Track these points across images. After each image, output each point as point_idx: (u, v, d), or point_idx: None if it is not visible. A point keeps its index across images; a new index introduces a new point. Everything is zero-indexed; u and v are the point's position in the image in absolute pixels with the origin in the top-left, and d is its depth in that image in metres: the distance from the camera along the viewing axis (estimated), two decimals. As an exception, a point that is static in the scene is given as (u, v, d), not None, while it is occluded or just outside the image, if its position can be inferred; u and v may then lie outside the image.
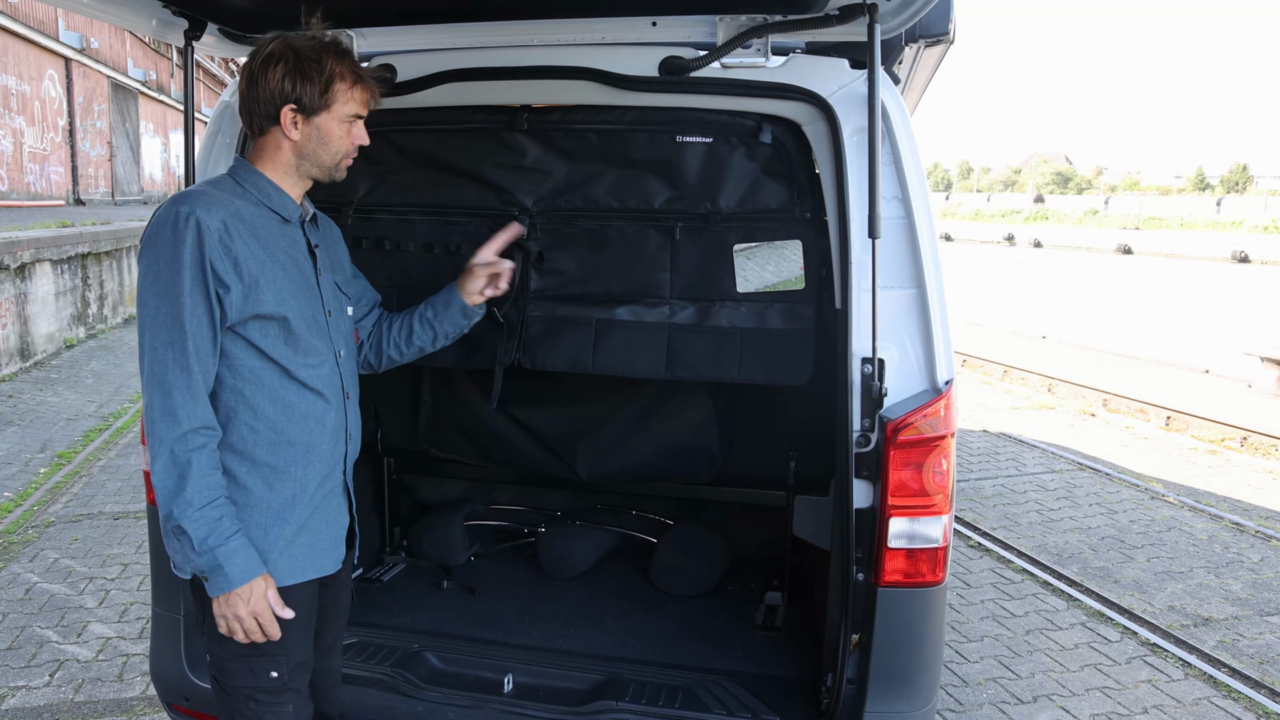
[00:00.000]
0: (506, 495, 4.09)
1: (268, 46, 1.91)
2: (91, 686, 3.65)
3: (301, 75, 1.89)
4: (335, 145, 1.99)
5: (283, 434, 1.95)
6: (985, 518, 6.00)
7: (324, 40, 1.93)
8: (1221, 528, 5.96)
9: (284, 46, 1.90)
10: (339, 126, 1.97)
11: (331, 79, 1.92)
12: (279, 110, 1.91)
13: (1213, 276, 31.10)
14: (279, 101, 1.90)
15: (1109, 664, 4.11)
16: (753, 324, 2.82)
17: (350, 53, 1.98)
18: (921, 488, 2.20)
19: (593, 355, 2.88)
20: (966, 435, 8.20)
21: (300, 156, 1.98)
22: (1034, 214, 66.52)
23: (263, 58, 1.90)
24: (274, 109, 1.91)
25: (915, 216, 2.27)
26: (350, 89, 1.96)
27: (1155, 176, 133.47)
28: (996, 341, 13.55)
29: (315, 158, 1.99)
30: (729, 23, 2.25)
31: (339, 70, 1.93)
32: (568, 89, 2.47)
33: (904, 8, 2.06)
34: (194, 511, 1.79)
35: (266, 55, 1.90)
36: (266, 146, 1.97)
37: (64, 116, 19.02)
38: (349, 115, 1.98)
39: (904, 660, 2.28)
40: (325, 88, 1.92)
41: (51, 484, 6.08)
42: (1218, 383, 10.98)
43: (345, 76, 1.94)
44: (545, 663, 2.79)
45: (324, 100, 1.93)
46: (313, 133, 1.95)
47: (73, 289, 10.90)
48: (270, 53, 1.89)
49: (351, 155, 2.05)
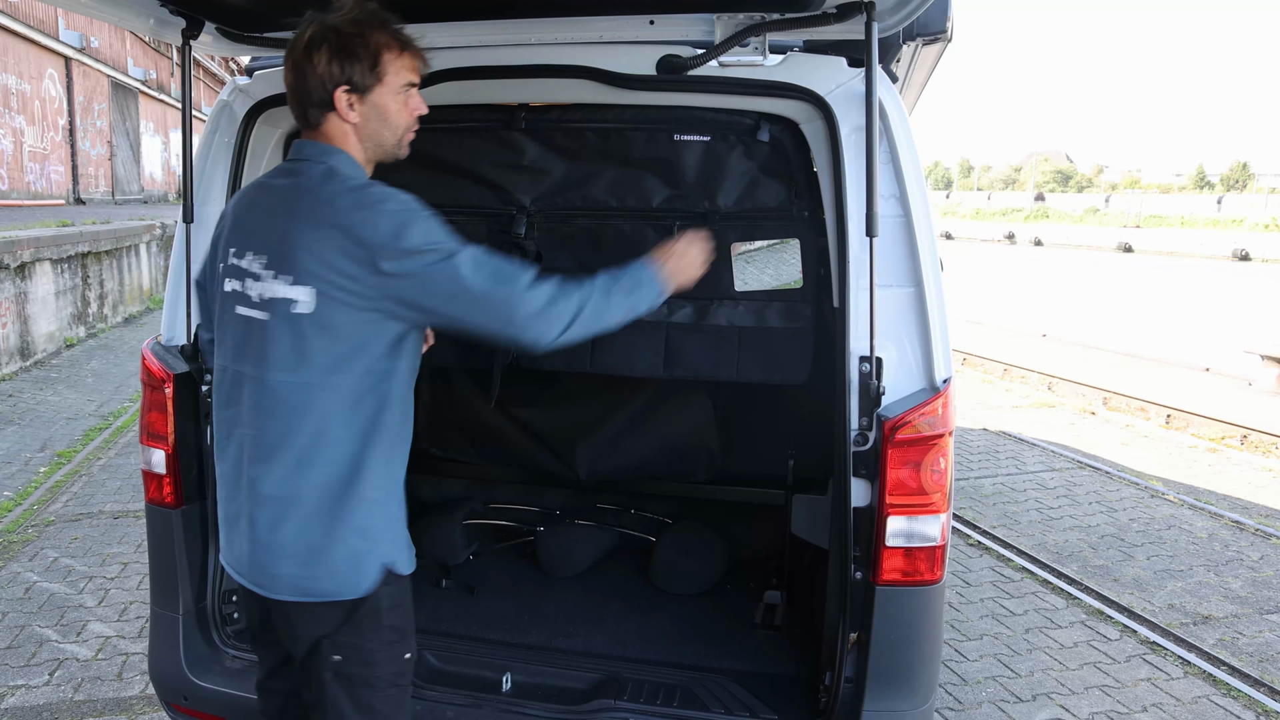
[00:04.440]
0: (505, 494, 4.09)
1: (306, 32, 1.82)
2: (91, 685, 3.65)
3: (348, 54, 1.81)
4: (395, 120, 1.92)
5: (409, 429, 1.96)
6: (985, 516, 6.00)
7: (361, 13, 1.84)
8: (1221, 526, 5.96)
9: (323, 28, 1.81)
10: (395, 99, 1.90)
11: (379, 51, 1.84)
12: (332, 95, 1.83)
13: (1213, 275, 31.08)
14: (330, 86, 1.82)
15: (1108, 662, 4.11)
16: (751, 322, 2.82)
17: (390, 21, 1.88)
18: (919, 486, 2.20)
19: (591, 354, 2.88)
20: (966, 433, 8.19)
21: (363, 139, 1.91)
22: (1034, 212, 66.47)
23: (304, 44, 1.81)
24: (327, 95, 1.83)
25: (913, 215, 2.27)
26: (399, 58, 1.88)
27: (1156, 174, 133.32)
28: (997, 340, 13.54)
29: (378, 138, 1.92)
30: (726, 21, 2.24)
31: (384, 41, 1.84)
32: (565, 87, 2.47)
33: (901, 6, 2.05)
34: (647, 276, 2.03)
35: (308, 41, 1.81)
36: (330, 136, 1.89)
37: (64, 116, 19.02)
38: (403, 86, 1.90)
39: (902, 659, 2.28)
40: (375, 62, 1.84)
41: (51, 483, 6.08)
42: (1218, 381, 10.98)
43: (391, 46, 1.86)
44: (544, 661, 2.79)
45: (376, 75, 1.85)
46: (370, 111, 1.87)
47: (73, 288, 10.90)
48: (311, 37, 1.81)
49: (413, 129, 1.97)
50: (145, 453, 2.62)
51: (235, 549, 1.93)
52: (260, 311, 1.83)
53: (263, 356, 1.83)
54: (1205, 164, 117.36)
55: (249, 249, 1.87)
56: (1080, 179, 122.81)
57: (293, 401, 1.81)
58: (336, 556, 1.84)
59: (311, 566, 1.84)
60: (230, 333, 1.92)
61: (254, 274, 1.85)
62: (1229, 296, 23.64)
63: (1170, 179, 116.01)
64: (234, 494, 1.91)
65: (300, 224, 1.80)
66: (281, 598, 1.87)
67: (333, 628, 1.88)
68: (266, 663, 2.15)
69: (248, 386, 1.86)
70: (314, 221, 1.79)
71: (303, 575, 1.85)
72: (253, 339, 1.85)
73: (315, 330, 1.79)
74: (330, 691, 1.90)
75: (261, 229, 1.87)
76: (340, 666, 1.89)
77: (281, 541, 1.84)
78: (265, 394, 1.83)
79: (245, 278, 1.87)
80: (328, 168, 1.87)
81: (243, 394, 1.88)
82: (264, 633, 2.07)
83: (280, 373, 1.82)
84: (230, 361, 1.92)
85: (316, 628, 1.89)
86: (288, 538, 1.84)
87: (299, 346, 1.80)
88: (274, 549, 1.85)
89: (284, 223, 1.83)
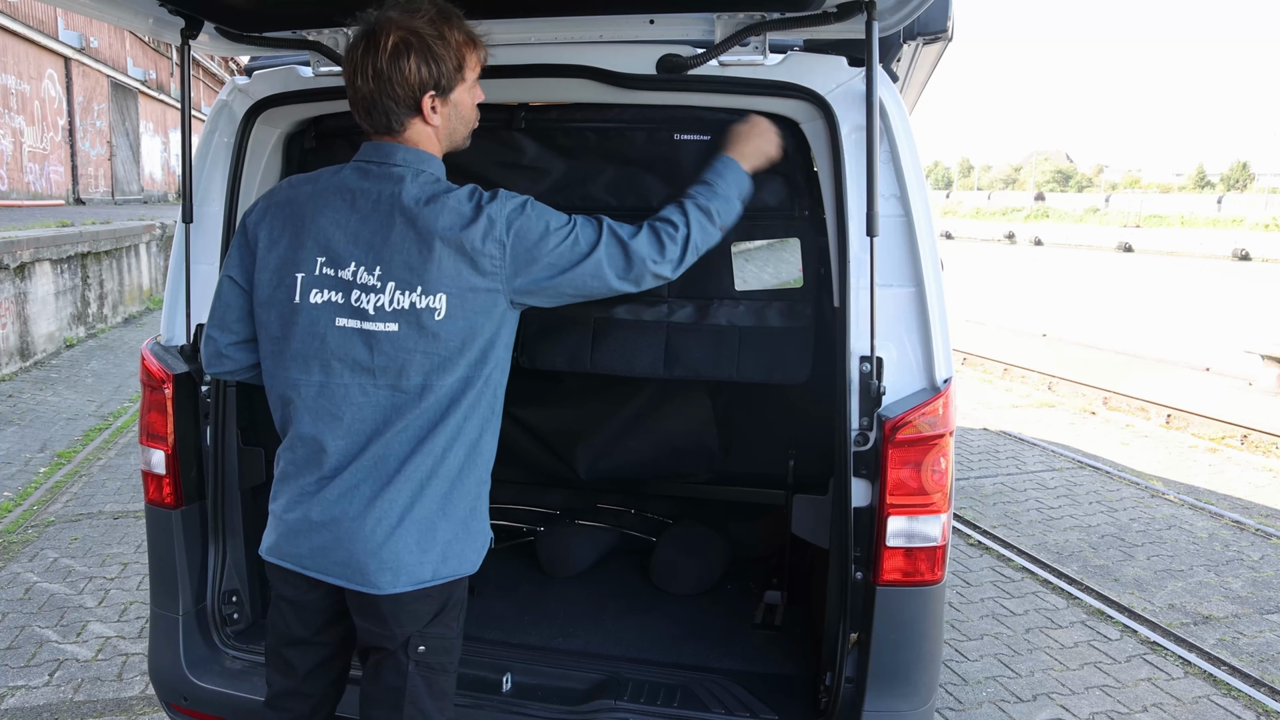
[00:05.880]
0: (505, 494, 4.08)
1: (389, 38, 1.78)
2: (91, 686, 3.65)
3: (434, 57, 1.80)
4: (468, 114, 1.95)
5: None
6: (985, 516, 6.00)
7: (437, 12, 1.82)
8: (1222, 526, 5.96)
9: (406, 33, 1.78)
10: (469, 95, 1.92)
11: (461, 51, 1.85)
12: (419, 100, 1.83)
13: (1213, 274, 31.07)
14: (420, 92, 1.82)
15: (1109, 662, 4.11)
16: (751, 322, 2.82)
17: (460, 15, 1.87)
18: (920, 486, 2.20)
19: (590, 354, 2.88)
20: (967, 433, 8.19)
21: (442, 138, 1.93)
22: (1034, 212, 66.54)
23: (389, 51, 1.78)
24: (414, 100, 1.83)
25: (914, 214, 2.27)
26: (474, 53, 1.90)
27: (1156, 174, 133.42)
28: (997, 339, 13.54)
29: (455, 135, 1.95)
30: (727, 20, 2.24)
31: (461, 39, 1.85)
32: (565, 87, 2.47)
33: (902, 5, 2.05)
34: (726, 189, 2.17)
35: (393, 47, 1.78)
36: (414, 140, 1.88)
37: (64, 116, 19.02)
38: (474, 80, 1.93)
39: (903, 659, 2.27)
40: (459, 63, 1.85)
41: (51, 483, 6.08)
42: (1218, 381, 10.98)
43: (468, 43, 1.87)
44: (544, 662, 2.79)
45: (460, 75, 1.86)
46: (451, 111, 1.89)
47: (72, 288, 10.90)
48: (395, 44, 1.78)
49: (477, 118, 2.00)
50: (145, 453, 2.62)
51: (329, 553, 1.90)
52: (383, 323, 1.84)
53: (388, 366, 1.85)
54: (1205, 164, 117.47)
55: (353, 259, 1.85)
56: (1080, 178, 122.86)
57: (428, 404, 1.86)
58: (458, 538, 1.93)
59: (440, 553, 1.91)
60: (321, 345, 1.87)
61: (366, 285, 1.84)
62: (1229, 296, 23.64)
63: (1170, 179, 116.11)
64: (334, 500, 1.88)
65: (424, 239, 1.82)
66: (398, 590, 1.88)
67: (430, 619, 1.93)
68: (301, 670, 2.08)
69: (360, 396, 1.87)
70: (437, 237, 1.82)
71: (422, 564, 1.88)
72: (375, 350, 1.85)
73: (449, 334, 1.84)
74: (412, 682, 1.94)
75: (365, 239, 1.85)
76: (424, 657, 1.94)
77: (408, 536, 1.87)
78: (393, 400, 1.86)
79: (353, 290, 1.85)
80: (434, 179, 1.90)
81: (348, 404, 1.87)
82: (318, 634, 2.05)
83: (414, 378, 1.85)
84: (319, 374, 1.88)
85: (414, 622, 1.92)
86: (414, 531, 1.87)
87: (431, 351, 1.84)
88: (398, 545, 1.87)
89: (401, 236, 1.83)
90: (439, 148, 1.94)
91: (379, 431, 1.86)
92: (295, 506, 1.92)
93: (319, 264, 1.87)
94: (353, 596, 1.93)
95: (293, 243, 1.90)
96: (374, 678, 1.99)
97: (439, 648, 1.97)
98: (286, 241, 1.91)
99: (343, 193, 1.89)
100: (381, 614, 1.91)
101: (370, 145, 1.92)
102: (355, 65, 1.82)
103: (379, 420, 1.87)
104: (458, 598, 1.99)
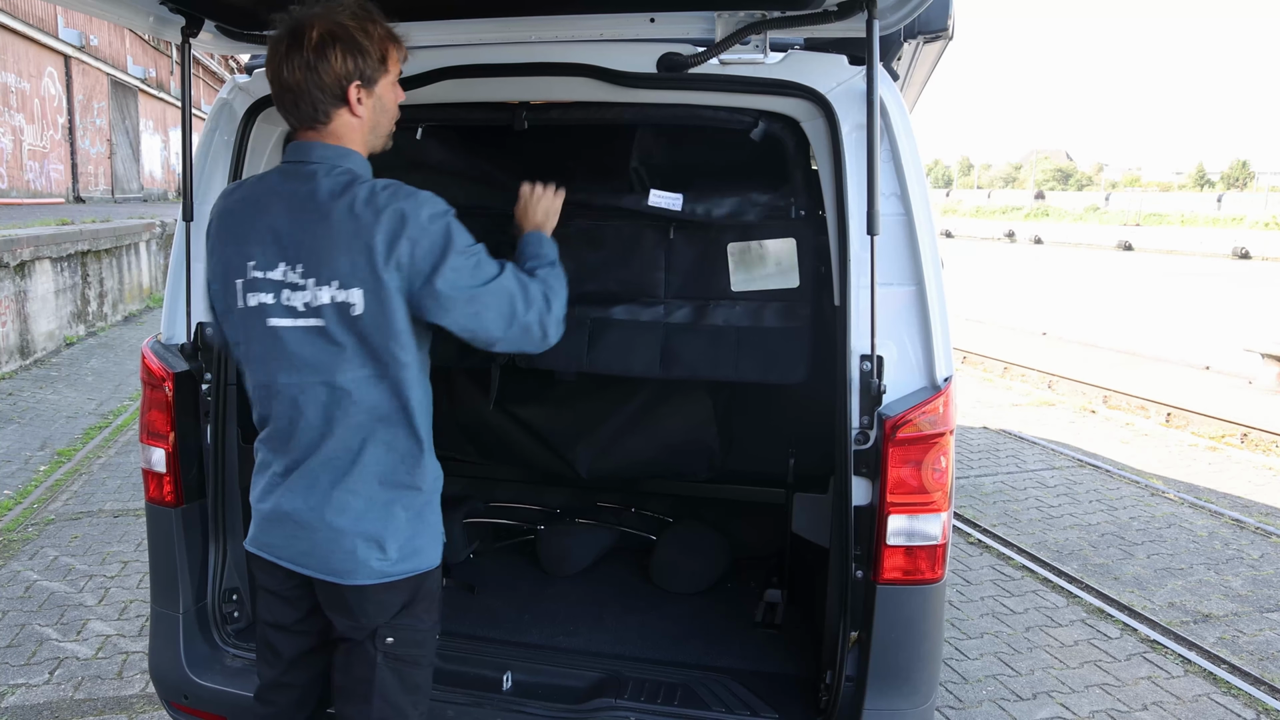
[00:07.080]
0: (506, 493, 4.08)
1: (315, 31, 1.83)
2: (91, 684, 3.65)
3: (358, 49, 1.85)
4: (391, 109, 1.99)
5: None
6: (985, 514, 6.00)
7: (359, 7, 1.88)
8: (1221, 524, 5.96)
9: (331, 24, 1.84)
10: (391, 90, 1.97)
11: (384, 44, 1.90)
12: (346, 90, 1.87)
13: (1213, 273, 31.07)
14: (345, 82, 1.86)
15: (1109, 660, 4.11)
16: (748, 322, 2.82)
17: (378, 12, 1.93)
18: (920, 485, 2.20)
19: (587, 354, 2.88)
20: (966, 432, 8.19)
21: (367, 132, 1.96)
22: (1034, 210, 66.51)
23: (314, 42, 1.82)
24: (340, 90, 1.87)
25: (914, 213, 2.27)
26: (396, 50, 1.95)
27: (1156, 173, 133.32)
28: (997, 338, 13.54)
29: (379, 129, 1.98)
30: (727, 19, 2.24)
31: (383, 33, 1.90)
32: (566, 86, 2.47)
33: (903, 3, 2.05)
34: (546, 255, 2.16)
35: (319, 39, 1.83)
36: (338, 135, 1.92)
37: (63, 114, 19.01)
38: (397, 75, 1.97)
39: (903, 657, 2.28)
40: (382, 55, 1.90)
41: (51, 482, 6.08)
42: (1218, 379, 10.97)
43: (388, 37, 1.93)
44: (544, 660, 2.79)
45: (383, 67, 1.91)
46: (375, 103, 1.93)
47: (72, 287, 10.89)
48: (322, 35, 1.83)
49: (398, 116, 2.03)
50: (145, 451, 2.62)
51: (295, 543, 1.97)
52: (312, 319, 1.87)
53: (323, 362, 1.88)
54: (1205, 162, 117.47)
55: (280, 259, 1.87)
56: (1080, 177, 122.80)
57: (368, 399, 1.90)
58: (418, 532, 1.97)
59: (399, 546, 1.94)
60: (267, 346, 1.91)
61: (293, 284, 1.87)
62: (1229, 295, 23.63)
63: (1170, 177, 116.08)
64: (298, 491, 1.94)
65: (337, 233, 1.83)
66: (361, 582, 1.93)
67: (397, 610, 1.97)
68: (285, 656, 2.14)
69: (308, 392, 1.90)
70: (351, 232, 1.83)
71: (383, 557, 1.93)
72: (311, 347, 1.88)
73: (373, 328, 1.85)
74: (380, 673, 1.98)
75: (289, 238, 1.87)
76: (392, 648, 1.98)
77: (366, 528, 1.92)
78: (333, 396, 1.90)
79: (282, 289, 1.87)
80: (346, 172, 1.90)
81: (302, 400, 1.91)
82: (299, 623, 2.10)
83: (348, 372, 1.88)
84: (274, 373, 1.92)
85: (381, 614, 1.96)
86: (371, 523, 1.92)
87: (360, 345, 1.87)
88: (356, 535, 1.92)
89: (316, 231, 1.84)
90: (363, 142, 1.96)
91: (329, 426, 1.91)
92: (267, 496, 2.00)
93: (250, 268, 1.91)
94: (322, 587, 1.99)
95: (230, 250, 1.95)
96: (344, 669, 2.04)
97: (409, 639, 2.00)
98: (225, 250, 1.96)
99: (268, 195, 1.94)
100: (348, 604, 1.96)
101: (293, 145, 1.96)
102: (281, 59, 1.86)
103: (326, 415, 1.91)
104: (428, 589, 2.02)
